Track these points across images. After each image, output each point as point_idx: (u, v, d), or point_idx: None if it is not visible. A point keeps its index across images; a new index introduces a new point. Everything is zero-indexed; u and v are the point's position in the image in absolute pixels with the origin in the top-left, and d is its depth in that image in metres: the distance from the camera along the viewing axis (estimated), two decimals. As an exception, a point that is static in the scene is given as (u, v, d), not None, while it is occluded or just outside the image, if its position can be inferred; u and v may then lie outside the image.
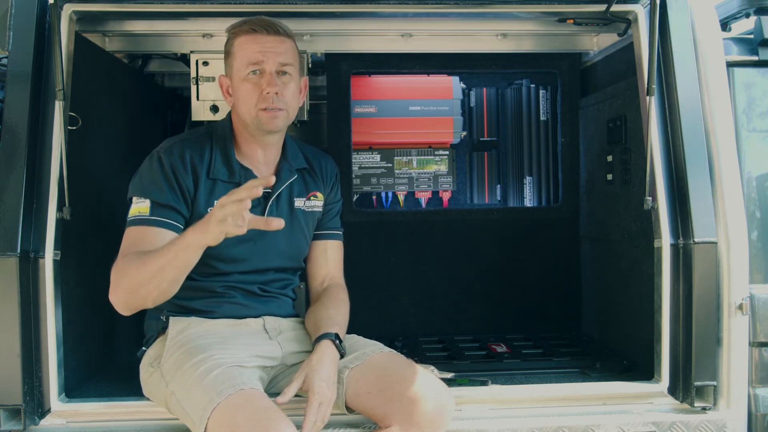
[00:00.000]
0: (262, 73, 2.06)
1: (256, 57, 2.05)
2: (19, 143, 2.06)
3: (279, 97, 2.06)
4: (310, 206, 2.25)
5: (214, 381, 1.84)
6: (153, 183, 2.03)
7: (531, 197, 3.29)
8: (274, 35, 2.07)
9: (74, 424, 2.09)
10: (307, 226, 2.25)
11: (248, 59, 2.05)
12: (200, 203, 2.06)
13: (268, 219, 1.81)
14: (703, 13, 2.32)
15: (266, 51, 2.06)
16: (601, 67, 2.95)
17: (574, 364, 2.51)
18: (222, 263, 2.10)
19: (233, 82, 2.11)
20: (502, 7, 2.37)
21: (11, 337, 1.98)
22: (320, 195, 2.28)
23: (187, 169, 2.05)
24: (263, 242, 2.13)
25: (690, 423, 2.13)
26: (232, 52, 2.10)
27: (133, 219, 2.01)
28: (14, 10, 2.14)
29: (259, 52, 2.05)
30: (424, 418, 1.91)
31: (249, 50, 2.06)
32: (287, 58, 2.09)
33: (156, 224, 1.99)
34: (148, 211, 2.00)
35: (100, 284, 2.04)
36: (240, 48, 2.08)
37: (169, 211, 2.02)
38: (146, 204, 2.00)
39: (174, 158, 2.05)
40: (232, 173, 2.10)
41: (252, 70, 2.06)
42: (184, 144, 2.10)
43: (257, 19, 2.10)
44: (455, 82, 3.22)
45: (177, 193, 2.03)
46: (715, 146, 2.24)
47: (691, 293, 2.13)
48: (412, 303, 3.10)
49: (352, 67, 3.04)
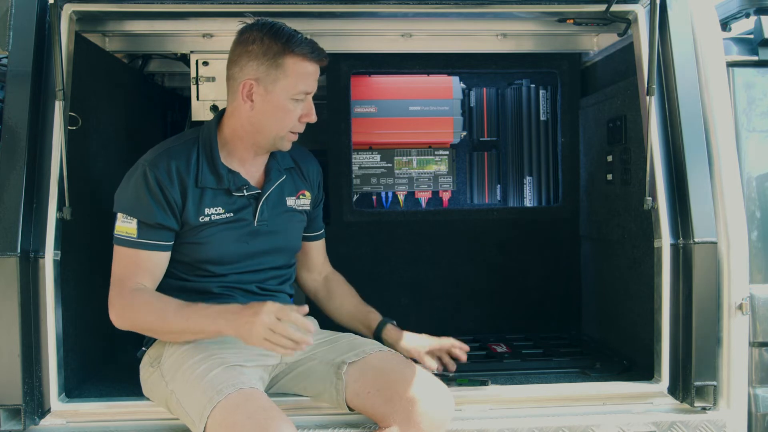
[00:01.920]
0: (305, 97, 2.07)
1: (311, 87, 2.06)
2: (19, 143, 2.06)
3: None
4: (300, 204, 2.25)
5: (214, 380, 1.84)
6: (138, 201, 2.00)
7: (531, 197, 3.29)
8: (324, 64, 2.09)
9: (74, 424, 2.09)
10: (299, 223, 2.27)
11: (305, 87, 2.04)
12: (190, 214, 2.04)
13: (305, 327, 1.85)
14: (703, 13, 2.32)
15: (317, 82, 2.09)
16: (601, 67, 2.95)
17: (574, 364, 2.50)
18: (217, 266, 2.09)
19: (271, 95, 2.03)
20: (502, 7, 2.37)
21: (11, 337, 1.98)
22: (308, 194, 2.29)
23: (174, 182, 2.02)
24: (257, 242, 2.13)
25: (690, 423, 2.14)
26: (283, 68, 2.01)
27: (121, 239, 2.01)
28: (14, 10, 2.14)
29: (315, 81, 2.08)
30: (424, 418, 1.91)
31: (308, 76, 2.04)
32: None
33: (145, 247, 2.00)
34: (135, 233, 2.00)
35: (100, 284, 2.05)
36: (297, 70, 2.02)
37: (156, 231, 2.01)
38: (133, 225, 2.00)
39: (159, 172, 2.01)
40: (220, 180, 2.08)
41: (302, 97, 2.05)
42: (170, 154, 2.05)
43: (317, 46, 2.06)
44: (455, 82, 3.22)
45: (165, 209, 2.01)
46: (715, 146, 2.24)
47: (691, 293, 2.13)
48: (412, 303, 3.10)
49: (352, 67, 3.04)
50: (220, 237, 2.07)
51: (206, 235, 2.06)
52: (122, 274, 2.00)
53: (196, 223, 2.04)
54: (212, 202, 2.07)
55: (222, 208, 2.08)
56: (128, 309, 1.96)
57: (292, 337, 1.80)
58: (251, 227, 2.12)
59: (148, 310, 1.94)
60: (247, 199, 2.12)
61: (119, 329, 2.00)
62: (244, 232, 2.11)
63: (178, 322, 1.92)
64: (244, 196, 2.11)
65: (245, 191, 2.10)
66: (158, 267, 2.04)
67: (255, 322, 1.80)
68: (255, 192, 2.13)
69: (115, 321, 1.99)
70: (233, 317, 1.85)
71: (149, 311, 1.94)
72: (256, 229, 2.12)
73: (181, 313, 1.92)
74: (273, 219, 2.16)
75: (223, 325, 1.86)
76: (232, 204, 2.09)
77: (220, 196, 2.08)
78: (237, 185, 2.09)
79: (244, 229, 2.11)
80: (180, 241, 2.06)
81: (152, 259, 2.02)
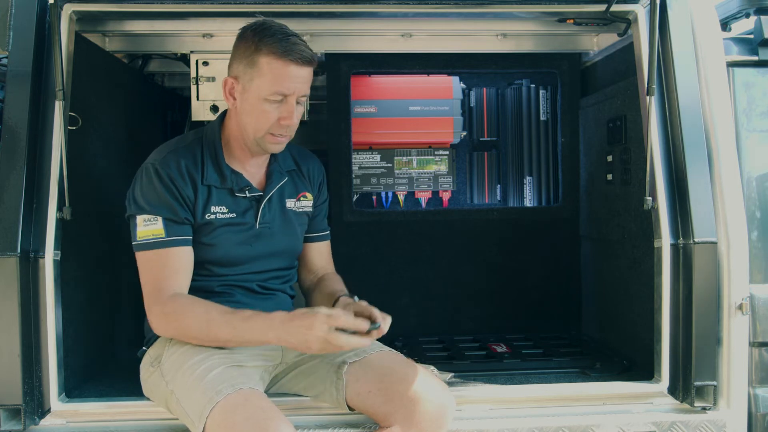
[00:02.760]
0: (284, 99, 2.00)
1: (287, 88, 1.97)
2: (19, 143, 2.06)
3: (291, 127, 2.04)
4: (300, 206, 2.24)
5: (214, 380, 1.84)
6: (159, 199, 1.99)
7: (531, 197, 3.29)
8: (307, 66, 2.00)
9: (74, 424, 2.09)
10: (300, 226, 2.26)
11: (278, 87, 1.96)
12: (198, 211, 2.04)
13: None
14: (703, 13, 2.32)
15: (296, 83, 1.98)
16: (601, 67, 2.95)
17: (574, 364, 2.50)
18: (220, 267, 2.10)
19: (247, 93, 2.00)
20: (502, 7, 2.36)
21: (11, 337, 1.98)
22: (309, 195, 2.27)
23: (185, 179, 2.02)
24: (259, 245, 2.13)
25: (690, 423, 2.13)
26: (257, 67, 1.96)
27: (148, 242, 1.97)
28: (14, 10, 2.13)
29: (291, 84, 1.97)
30: (426, 418, 1.91)
31: (282, 77, 1.96)
32: (308, 88, 2.04)
33: (175, 244, 1.98)
34: (163, 232, 1.97)
35: (100, 284, 2.05)
36: (271, 69, 1.95)
37: (182, 227, 2.01)
38: (158, 224, 1.97)
39: (171, 170, 2.01)
40: (224, 179, 2.08)
41: (278, 98, 1.99)
42: (178, 153, 2.06)
43: (294, 44, 1.97)
44: (455, 82, 3.22)
45: (183, 204, 2.01)
46: (715, 146, 2.24)
47: (691, 293, 2.13)
48: (412, 303, 3.10)
49: (352, 67, 3.04)
50: (225, 239, 2.07)
51: (212, 237, 2.06)
52: (156, 279, 1.97)
53: (202, 220, 2.04)
54: (218, 201, 2.07)
55: (226, 207, 2.08)
56: (171, 318, 1.93)
57: (351, 345, 1.81)
58: (254, 229, 2.12)
59: (192, 319, 1.91)
60: (249, 200, 2.12)
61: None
62: (247, 234, 2.11)
63: (223, 331, 1.89)
64: (246, 197, 2.11)
65: (248, 192, 2.11)
66: (188, 264, 2.02)
67: (310, 338, 1.79)
68: (257, 194, 2.13)
69: (158, 330, 1.98)
70: (284, 331, 1.82)
71: (193, 320, 1.91)
72: (259, 232, 2.12)
73: (226, 322, 1.89)
74: (274, 221, 2.16)
75: (273, 338, 1.85)
76: (236, 205, 2.10)
77: (225, 196, 2.08)
78: (240, 186, 2.10)
79: (247, 231, 2.11)
80: None
81: (182, 255, 2.00)
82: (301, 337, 1.80)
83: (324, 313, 1.80)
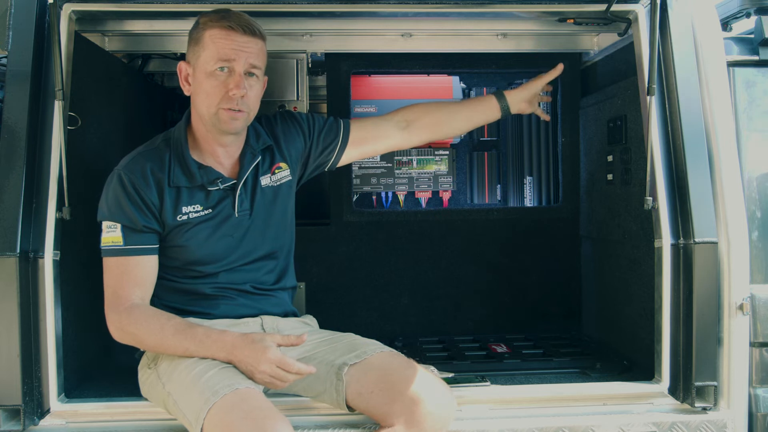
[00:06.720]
0: (230, 71, 2.00)
1: (228, 54, 1.99)
2: (18, 143, 2.06)
3: (244, 100, 2.02)
4: (276, 180, 2.21)
5: (210, 381, 1.83)
6: (119, 206, 2.01)
7: (531, 197, 3.29)
8: (249, 36, 2.01)
9: (74, 424, 2.09)
10: (283, 198, 2.22)
11: (219, 55, 1.99)
12: (168, 214, 2.04)
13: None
14: (704, 13, 2.32)
15: (239, 50, 1.99)
16: (601, 67, 2.95)
17: (574, 365, 2.51)
18: (206, 266, 2.09)
19: (196, 72, 2.04)
20: (502, 7, 2.36)
21: (11, 337, 1.98)
22: (284, 165, 2.22)
23: (150, 183, 2.02)
24: (240, 233, 2.12)
25: (690, 423, 2.13)
26: (202, 42, 2.01)
27: (108, 249, 2.01)
28: (14, 9, 2.14)
29: (232, 49, 1.99)
30: (427, 418, 1.91)
31: (221, 46, 1.99)
32: (258, 60, 2.04)
33: (133, 253, 2.01)
34: (121, 240, 2.00)
35: (99, 284, 2.04)
36: (212, 40, 1.99)
37: (141, 235, 2.02)
38: (117, 232, 2.00)
39: (135, 175, 2.02)
40: (192, 177, 2.07)
41: (221, 66, 2.00)
42: (143, 157, 2.07)
43: (235, 15, 2.03)
44: (455, 82, 3.22)
45: (144, 211, 2.01)
46: (715, 146, 2.24)
47: (691, 293, 2.13)
48: (412, 303, 3.10)
49: (352, 67, 3.04)
50: (203, 235, 2.06)
51: (189, 236, 2.05)
52: (115, 286, 2.00)
53: (175, 222, 2.04)
54: (189, 200, 2.06)
55: (200, 205, 2.07)
56: (126, 327, 1.98)
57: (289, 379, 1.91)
58: (232, 219, 2.10)
59: (146, 331, 1.96)
60: (224, 191, 2.10)
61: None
62: (227, 225, 2.10)
63: (177, 350, 1.95)
64: (219, 189, 2.09)
65: (220, 184, 2.09)
66: (149, 274, 2.04)
67: (255, 372, 1.88)
68: (231, 183, 2.11)
69: (114, 336, 2.01)
70: (232, 354, 1.90)
71: (147, 332, 1.96)
72: (239, 220, 2.11)
73: (178, 343, 1.93)
74: (254, 206, 2.14)
75: (224, 358, 1.92)
76: (210, 200, 2.09)
77: (197, 194, 2.08)
78: (210, 179, 2.08)
79: (226, 222, 2.09)
80: (165, 245, 2.07)
81: (142, 265, 2.01)
82: (249, 368, 1.88)
83: (275, 352, 1.87)
